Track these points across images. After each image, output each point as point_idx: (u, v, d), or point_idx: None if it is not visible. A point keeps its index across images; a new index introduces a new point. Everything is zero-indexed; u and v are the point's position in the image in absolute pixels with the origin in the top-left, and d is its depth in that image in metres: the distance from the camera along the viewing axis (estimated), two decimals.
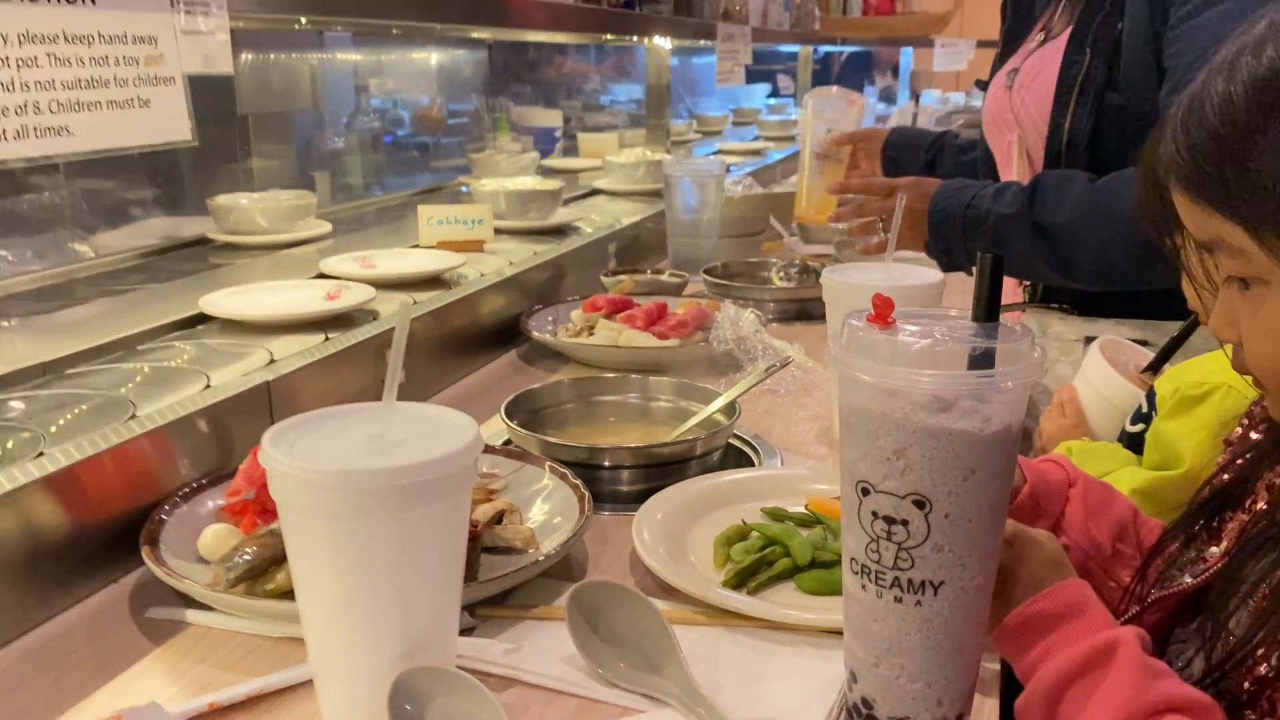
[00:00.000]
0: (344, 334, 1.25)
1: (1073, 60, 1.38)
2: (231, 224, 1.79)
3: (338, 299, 1.34)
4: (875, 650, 0.67)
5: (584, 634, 0.77)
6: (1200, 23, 1.24)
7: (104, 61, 1.02)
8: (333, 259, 1.56)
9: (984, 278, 0.66)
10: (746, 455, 1.20)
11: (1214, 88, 0.64)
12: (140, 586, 0.88)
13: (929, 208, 1.46)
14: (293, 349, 1.18)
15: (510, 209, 1.97)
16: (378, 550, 0.66)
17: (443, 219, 1.76)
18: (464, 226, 1.76)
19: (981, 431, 0.62)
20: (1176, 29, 1.27)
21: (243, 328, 1.26)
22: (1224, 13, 1.23)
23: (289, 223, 1.82)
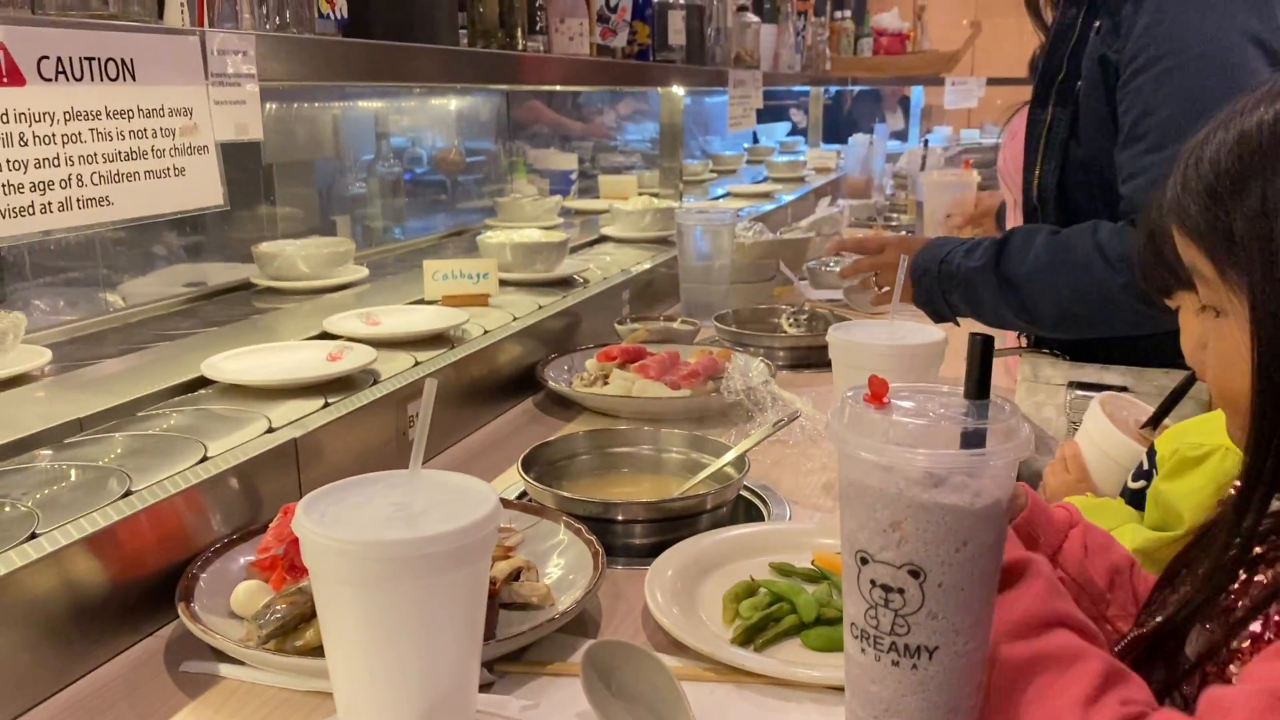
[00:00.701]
0: (345, 399, 1.25)
1: (1037, 118, 1.45)
2: (275, 270, 1.90)
3: (339, 360, 1.35)
4: (874, 710, 0.71)
5: (597, 691, 0.81)
6: (1146, 79, 1.30)
7: (143, 134, 1.07)
8: (337, 316, 1.56)
9: (974, 358, 0.70)
10: (756, 507, 1.24)
11: (1214, 137, 0.73)
12: (175, 641, 0.92)
13: (912, 262, 1.52)
14: (292, 415, 1.18)
15: (516, 261, 1.98)
16: (402, 614, 0.70)
17: (447, 273, 1.77)
18: (469, 280, 1.77)
19: (972, 506, 0.66)
20: (1125, 87, 1.32)
21: (244, 391, 1.25)
22: (1161, 71, 1.28)
23: (328, 268, 1.93)
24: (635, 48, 2.64)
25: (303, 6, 1.42)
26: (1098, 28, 1.38)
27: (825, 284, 2.30)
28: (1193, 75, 1.26)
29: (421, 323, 1.58)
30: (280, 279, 1.89)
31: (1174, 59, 1.27)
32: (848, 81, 5.06)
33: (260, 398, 1.23)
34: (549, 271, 2.00)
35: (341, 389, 1.28)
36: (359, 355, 1.36)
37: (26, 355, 1.31)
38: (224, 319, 1.69)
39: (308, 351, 1.39)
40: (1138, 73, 1.30)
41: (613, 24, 2.51)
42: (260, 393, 1.25)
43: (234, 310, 1.77)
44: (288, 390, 1.26)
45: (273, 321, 1.67)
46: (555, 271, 2.01)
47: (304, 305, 1.79)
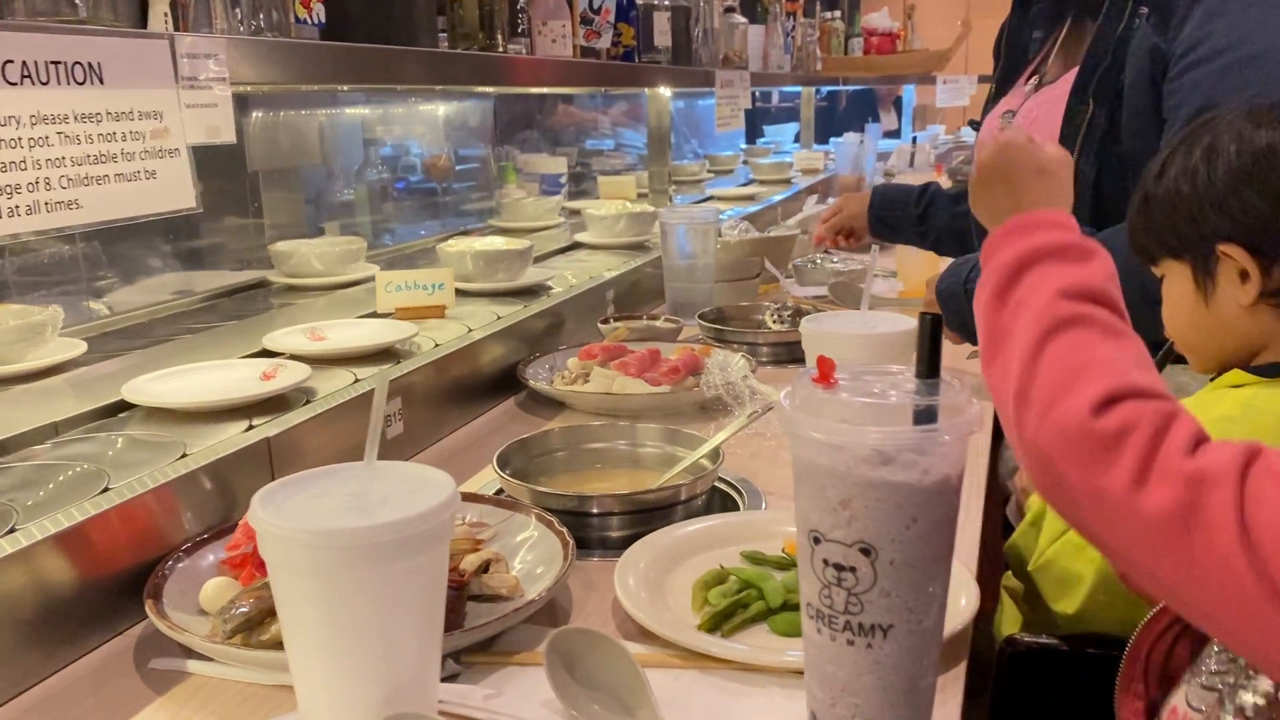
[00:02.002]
0: (271, 420, 1.17)
1: (1076, 110, 1.41)
2: (291, 267, 1.99)
3: (273, 379, 1.29)
4: (831, 691, 0.71)
5: (561, 679, 0.81)
6: (1198, 75, 1.28)
7: (111, 138, 1.07)
8: (278, 333, 1.49)
9: (924, 337, 0.70)
10: (732, 499, 1.24)
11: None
12: (145, 638, 0.92)
13: (936, 288, 1.52)
14: (211, 440, 1.11)
15: (477, 270, 1.92)
16: (359, 603, 0.71)
17: (401, 284, 1.72)
18: (424, 291, 1.71)
19: (920, 483, 0.66)
20: (1175, 81, 1.30)
21: (169, 415, 1.19)
22: (1223, 66, 1.26)
23: (342, 265, 2.00)
24: (620, 49, 2.65)
25: (278, 11, 1.43)
26: (1146, 14, 1.35)
27: (811, 281, 2.30)
28: (1261, 70, 1.24)
29: (366, 337, 1.51)
30: (295, 276, 1.97)
31: (1237, 53, 1.25)
32: (838, 82, 5.07)
33: (185, 421, 1.18)
34: (512, 281, 1.94)
35: (274, 409, 1.21)
36: (292, 374, 1.29)
37: (63, 347, 1.41)
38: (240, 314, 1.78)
39: (240, 370, 1.34)
40: (1195, 65, 1.28)
41: (596, 26, 2.51)
42: (185, 416, 1.19)
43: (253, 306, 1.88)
44: (215, 413, 1.20)
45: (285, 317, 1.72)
46: (519, 281, 1.95)
47: (319, 300, 1.88)
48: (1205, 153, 1.05)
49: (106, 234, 1.83)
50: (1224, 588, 0.60)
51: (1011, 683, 1.16)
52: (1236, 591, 0.60)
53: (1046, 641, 1.14)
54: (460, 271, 1.89)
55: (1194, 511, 0.61)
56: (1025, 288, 0.76)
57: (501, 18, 2.01)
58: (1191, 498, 0.61)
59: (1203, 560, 0.61)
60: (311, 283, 1.97)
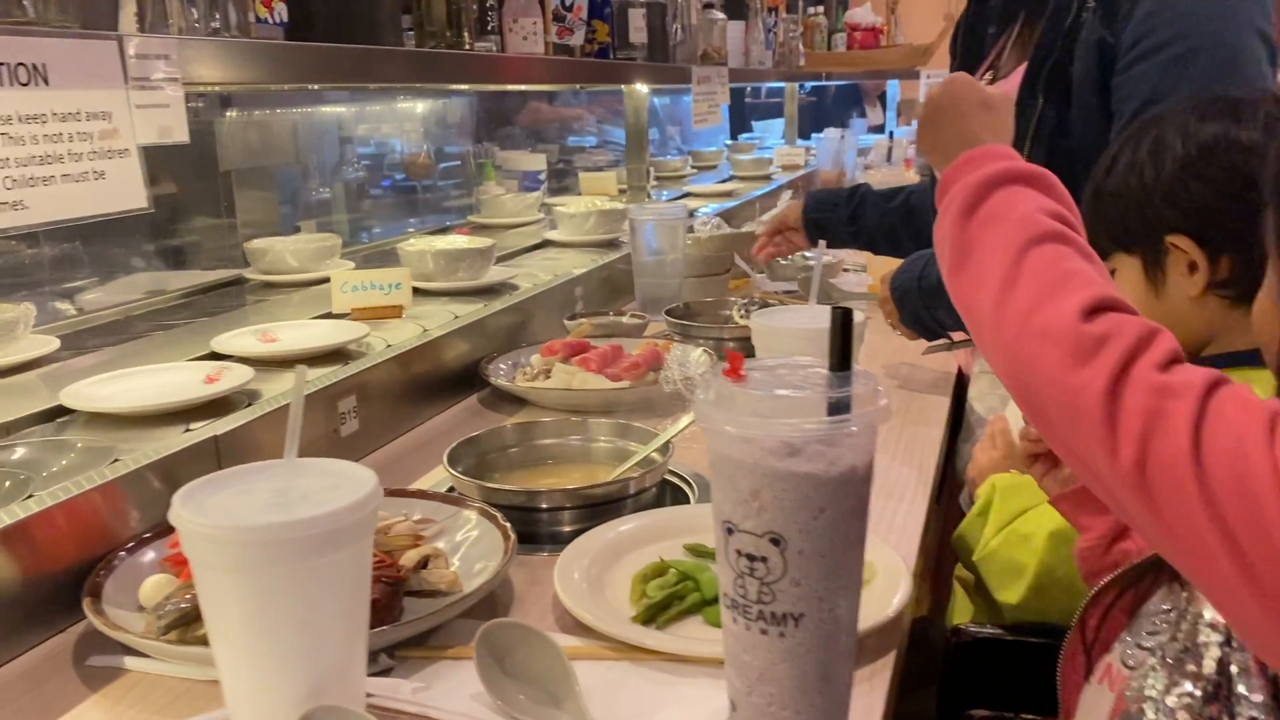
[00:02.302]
0: (211, 423, 1.16)
1: (1026, 105, 1.43)
2: (266, 264, 2.01)
3: (217, 382, 1.28)
4: (748, 680, 0.72)
5: (491, 671, 0.82)
6: (1145, 69, 1.29)
7: (58, 139, 1.08)
8: (228, 335, 1.49)
9: (835, 330, 0.71)
10: (683, 492, 1.25)
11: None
12: (85, 636, 0.93)
13: (890, 285, 1.53)
14: (148, 444, 1.10)
15: (438, 269, 1.90)
16: (281, 599, 0.71)
17: (357, 284, 1.70)
18: (380, 292, 1.70)
19: (827, 473, 0.67)
20: (1122, 74, 1.31)
21: (109, 419, 1.18)
22: (1168, 59, 1.27)
23: (316, 262, 2.03)
24: (594, 46, 2.65)
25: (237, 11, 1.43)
26: (1093, 8, 1.36)
27: (782, 276, 2.31)
28: (1204, 64, 1.25)
29: (317, 339, 1.50)
30: (271, 272, 2.00)
31: (1182, 45, 1.26)
32: (821, 77, 5.07)
33: (124, 425, 1.17)
34: (474, 280, 1.92)
35: (218, 412, 1.20)
36: (236, 376, 1.29)
37: (36, 344, 1.44)
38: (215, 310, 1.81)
39: (185, 373, 1.33)
40: (1141, 58, 1.29)
41: (569, 23, 2.51)
42: (125, 420, 1.18)
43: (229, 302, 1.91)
44: (155, 416, 1.18)
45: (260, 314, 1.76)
46: (481, 280, 1.93)
47: (294, 296, 1.91)
48: (1152, 146, 1.06)
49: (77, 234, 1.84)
50: (1171, 502, 0.61)
51: (959, 672, 1.17)
52: (1182, 508, 0.61)
53: (991, 632, 1.15)
54: (421, 271, 1.87)
55: (1156, 419, 0.62)
56: (996, 203, 0.78)
57: (470, 15, 2.02)
58: (1156, 405, 0.63)
59: (1156, 473, 0.62)
60: (287, 279, 1.99)
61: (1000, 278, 0.73)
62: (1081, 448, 0.66)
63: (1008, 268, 0.73)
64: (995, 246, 0.75)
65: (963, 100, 0.99)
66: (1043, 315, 0.69)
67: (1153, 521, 0.63)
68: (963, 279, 0.77)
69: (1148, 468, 0.62)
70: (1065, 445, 0.68)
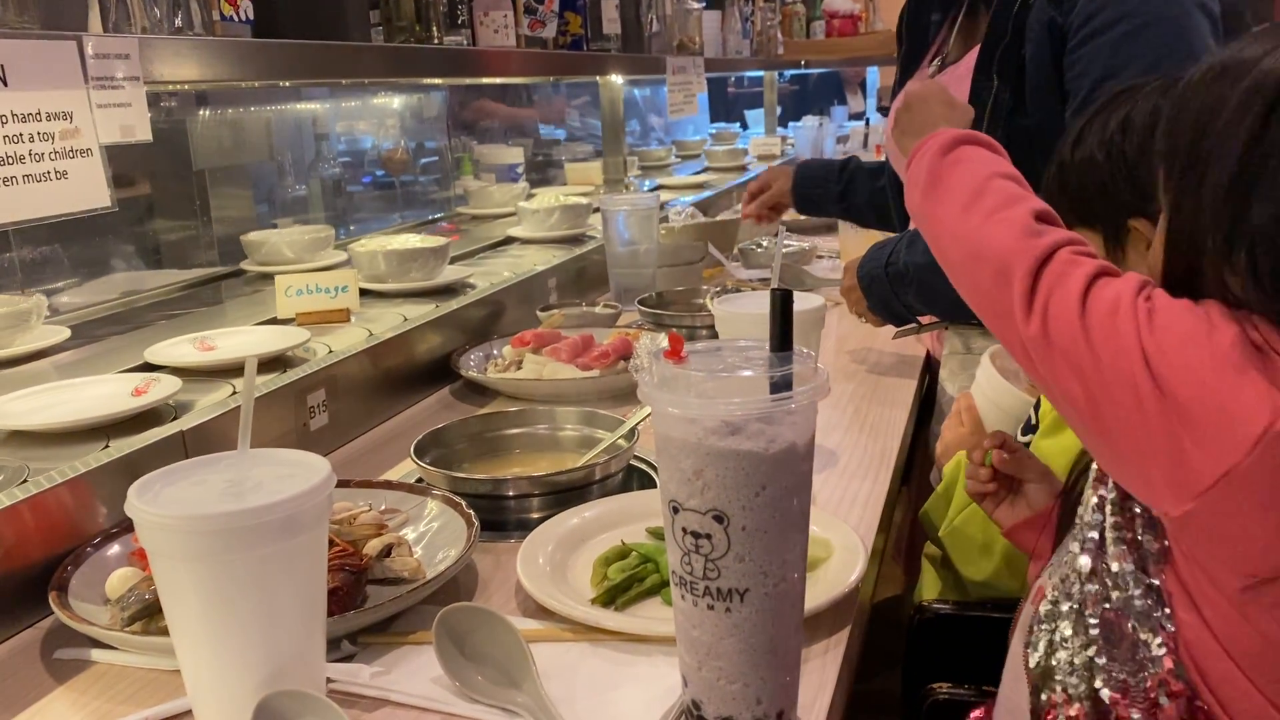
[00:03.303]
0: (128, 439, 1.11)
1: (981, 87, 1.44)
2: (263, 256, 2.06)
3: (145, 394, 1.22)
4: (698, 655, 0.73)
5: (450, 655, 0.83)
6: (1097, 45, 1.31)
7: (18, 139, 1.08)
8: (163, 344, 1.44)
9: (775, 312, 0.72)
10: (650, 477, 1.26)
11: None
12: (53, 631, 0.94)
13: (857, 273, 1.54)
14: (62, 461, 1.04)
15: (390, 270, 1.85)
16: (238, 586, 0.72)
17: (302, 288, 1.64)
18: (326, 295, 1.64)
19: (766, 451, 0.68)
20: (1074, 53, 1.33)
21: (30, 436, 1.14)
22: (1118, 36, 1.29)
23: (311, 253, 2.05)
24: (567, 38, 2.65)
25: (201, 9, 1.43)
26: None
27: (756, 263, 2.33)
28: (1152, 40, 1.28)
29: (257, 345, 1.44)
30: (268, 264, 2.03)
31: (1130, 23, 1.28)
32: (800, 65, 5.08)
33: (43, 443, 1.12)
34: (428, 280, 1.86)
35: (144, 425, 1.16)
36: (165, 388, 1.23)
37: (47, 333, 1.50)
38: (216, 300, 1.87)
39: (112, 386, 1.27)
40: (1091, 36, 1.31)
41: (541, 15, 2.51)
42: (44, 438, 1.13)
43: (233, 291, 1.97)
44: (75, 434, 1.13)
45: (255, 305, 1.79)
46: (435, 280, 1.87)
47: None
48: (1120, 124, 1.07)
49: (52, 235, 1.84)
50: (1062, 342, 0.75)
51: (923, 649, 1.19)
52: (1071, 350, 0.74)
53: (953, 608, 1.17)
54: (372, 272, 1.84)
55: (1060, 279, 0.77)
56: (965, 151, 0.93)
57: (438, 9, 2.02)
58: (1063, 271, 0.77)
59: (1053, 322, 0.75)
60: (284, 270, 1.97)
61: (969, 193, 0.87)
62: (1005, 307, 0.79)
63: (975, 187, 0.87)
64: (965, 174, 0.90)
65: (931, 98, 1.22)
66: (1004, 212, 0.84)
67: (1050, 372, 0.76)
68: (934, 196, 0.91)
69: (1048, 318, 0.76)
70: (992, 307, 0.81)
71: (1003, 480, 1.10)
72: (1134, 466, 0.75)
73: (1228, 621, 0.75)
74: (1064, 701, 0.82)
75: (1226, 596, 0.74)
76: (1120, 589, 0.80)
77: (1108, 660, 0.80)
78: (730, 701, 0.73)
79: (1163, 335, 0.71)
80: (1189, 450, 0.70)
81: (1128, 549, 0.81)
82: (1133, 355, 0.71)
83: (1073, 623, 0.83)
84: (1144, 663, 0.78)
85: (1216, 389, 0.69)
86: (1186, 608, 0.77)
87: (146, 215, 2.12)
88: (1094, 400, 0.74)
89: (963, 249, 0.86)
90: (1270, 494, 0.69)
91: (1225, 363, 0.69)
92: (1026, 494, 1.10)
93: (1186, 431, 0.70)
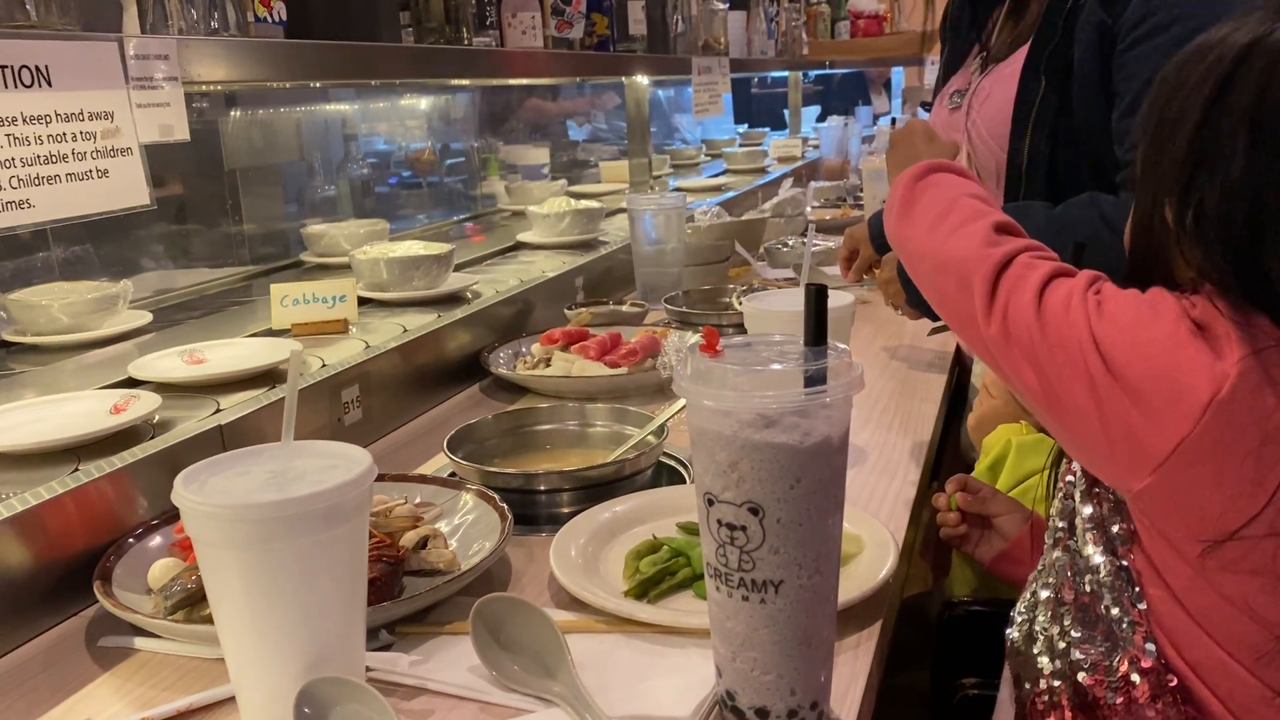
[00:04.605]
0: (97, 462, 1.05)
1: (1029, 87, 1.44)
2: (322, 248, 2.16)
3: (124, 412, 1.16)
4: (732, 645, 0.74)
5: (486, 644, 0.85)
6: (1148, 49, 1.30)
7: (62, 138, 1.10)
8: (150, 357, 1.38)
9: (810, 307, 0.73)
10: (679, 473, 1.27)
11: None
12: (96, 620, 0.96)
13: (898, 268, 1.53)
14: (28, 485, 0.99)
15: (392, 278, 1.78)
16: (281, 574, 0.74)
17: (298, 298, 1.57)
18: (323, 305, 1.57)
19: (802, 444, 0.69)
20: (1124, 55, 1.33)
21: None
22: (1171, 39, 1.29)
23: (368, 245, 2.06)
24: (594, 39, 2.67)
25: (236, 10, 1.46)
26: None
27: (782, 263, 2.33)
28: None
29: (248, 359, 1.37)
30: (327, 255, 2.13)
31: (1184, 27, 1.27)
32: (825, 65, 5.08)
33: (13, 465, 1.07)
34: (431, 288, 1.79)
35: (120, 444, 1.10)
36: (144, 405, 1.17)
37: (131, 317, 1.61)
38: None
39: (89, 403, 1.21)
40: (1142, 39, 1.31)
41: (568, 16, 2.53)
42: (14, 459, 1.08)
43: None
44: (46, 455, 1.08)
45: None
46: (439, 288, 1.81)
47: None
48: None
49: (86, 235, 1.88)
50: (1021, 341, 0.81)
51: (952, 644, 1.19)
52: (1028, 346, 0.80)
53: (984, 604, 1.17)
54: (374, 280, 1.79)
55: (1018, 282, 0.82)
56: (935, 178, 0.99)
57: (468, 10, 2.04)
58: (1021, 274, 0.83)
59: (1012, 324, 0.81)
60: (342, 262, 2.03)
61: (936, 212, 0.94)
62: (967, 312, 0.85)
63: (943, 207, 0.94)
64: (934, 197, 0.97)
65: (915, 135, 1.32)
66: (967, 227, 0.90)
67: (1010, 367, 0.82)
68: (906, 218, 0.97)
69: (1008, 319, 0.81)
70: (957, 313, 0.88)
71: (972, 519, 1.17)
72: (1093, 449, 0.79)
73: (1193, 589, 0.79)
74: (1046, 690, 0.86)
75: (1190, 565, 0.78)
76: (1092, 573, 0.84)
77: (1084, 643, 0.83)
78: (764, 692, 0.74)
79: (1110, 322, 0.77)
80: (1142, 426, 0.74)
81: (1097, 533, 0.85)
82: (1084, 343, 0.77)
83: (1050, 611, 0.87)
84: (1117, 641, 0.82)
85: (1163, 365, 0.74)
86: (1155, 583, 0.81)
87: (179, 215, 2.15)
88: (1051, 390, 0.79)
89: (930, 263, 0.92)
90: (1220, 460, 0.73)
91: (1169, 341, 0.74)
92: (997, 527, 1.16)
93: (1138, 409, 0.74)
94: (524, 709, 0.81)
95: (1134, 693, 0.80)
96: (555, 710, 0.79)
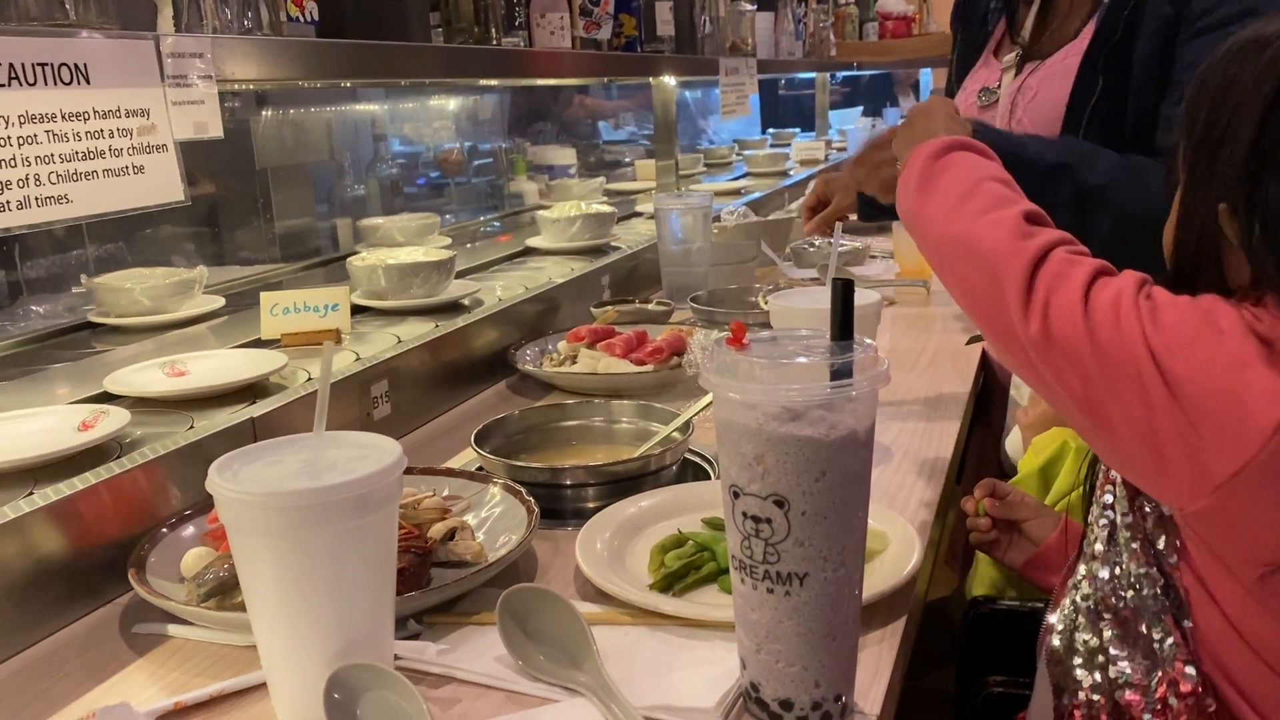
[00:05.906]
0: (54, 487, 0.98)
1: (1086, 85, 1.41)
2: (376, 240, 2.23)
3: (92, 429, 1.11)
4: (756, 638, 0.75)
5: (513, 634, 0.86)
6: (1213, 39, 1.27)
7: (99, 135, 1.12)
8: (127, 370, 1.32)
9: (836, 301, 0.74)
10: (704, 469, 1.27)
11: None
12: (131, 607, 0.98)
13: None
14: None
15: (390, 285, 1.72)
16: (312, 561, 0.75)
17: (289, 306, 1.51)
18: (315, 314, 1.51)
19: (827, 437, 0.70)
20: (1188, 44, 1.31)
21: None
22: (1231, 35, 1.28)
23: (420, 238, 2.21)
24: (622, 40, 2.68)
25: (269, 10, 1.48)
26: None
27: (808, 263, 2.33)
28: None
29: (232, 372, 1.31)
30: (378, 246, 2.14)
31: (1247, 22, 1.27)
32: (853, 67, 5.07)
33: None
34: (430, 296, 1.74)
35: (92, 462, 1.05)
36: (113, 421, 1.12)
37: (205, 301, 1.72)
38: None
39: (59, 418, 1.16)
40: (1208, 29, 1.29)
41: (596, 17, 2.54)
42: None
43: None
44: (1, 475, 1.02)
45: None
46: (439, 296, 1.75)
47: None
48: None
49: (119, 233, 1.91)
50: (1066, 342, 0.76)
51: (977, 643, 1.19)
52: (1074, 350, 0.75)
53: (1008, 603, 1.17)
54: (372, 287, 1.74)
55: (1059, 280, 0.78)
56: (957, 155, 0.94)
57: (496, 11, 2.05)
58: (1061, 271, 0.78)
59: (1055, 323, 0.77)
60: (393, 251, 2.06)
61: (959, 194, 0.89)
62: (998, 307, 0.80)
63: (966, 189, 0.89)
64: (956, 177, 0.92)
65: (937, 111, 1.18)
66: (994, 213, 0.85)
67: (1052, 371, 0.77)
68: (924, 196, 0.93)
69: (1049, 318, 0.76)
70: (983, 307, 0.83)
71: (1001, 524, 1.16)
72: (1143, 464, 0.75)
73: (1246, 613, 0.75)
74: (1085, 703, 0.83)
75: (1244, 587, 0.75)
76: (1134, 589, 0.81)
77: (1124, 661, 0.81)
78: (789, 684, 0.74)
79: (1170, 333, 0.72)
80: (1202, 446, 0.70)
81: (1140, 547, 0.81)
82: (1139, 355, 0.72)
83: (1090, 624, 0.83)
84: (1157, 662, 0.79)
85: (1228, 384, 0.69)
86: (1204, 602, 0.77)
87: (211, 213, 2.18)
88: (1098, 399, 0.74)
89: (951, 248, 0.87)
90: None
91: (1235, 358, 0.70)
92: (1026, 532, 1.15)
93: (1199, 428, 0.70)
94: (550, 698, 0.81)
95: (1170, 716, 0.78)
96: (580, 699, 0.80)
